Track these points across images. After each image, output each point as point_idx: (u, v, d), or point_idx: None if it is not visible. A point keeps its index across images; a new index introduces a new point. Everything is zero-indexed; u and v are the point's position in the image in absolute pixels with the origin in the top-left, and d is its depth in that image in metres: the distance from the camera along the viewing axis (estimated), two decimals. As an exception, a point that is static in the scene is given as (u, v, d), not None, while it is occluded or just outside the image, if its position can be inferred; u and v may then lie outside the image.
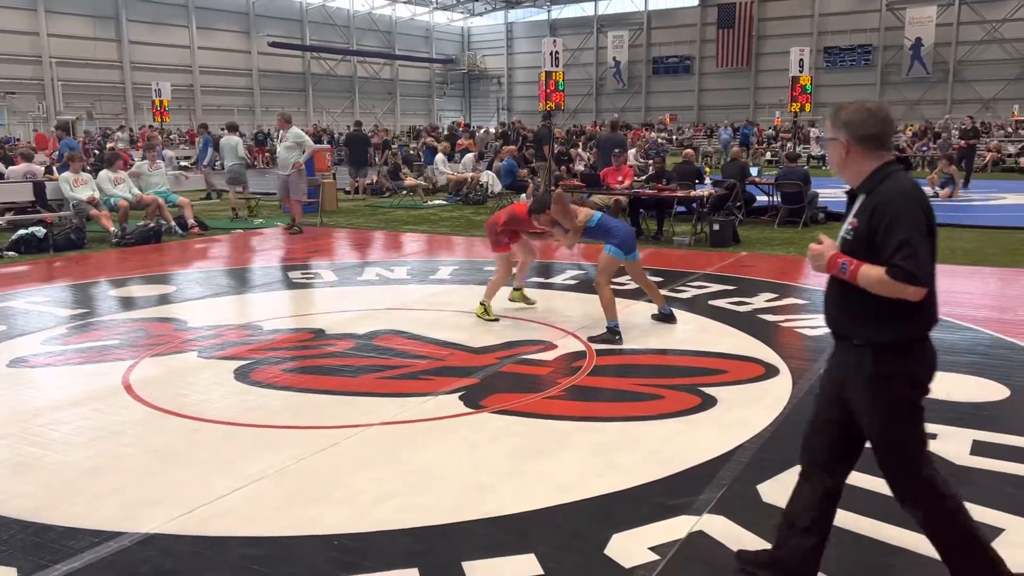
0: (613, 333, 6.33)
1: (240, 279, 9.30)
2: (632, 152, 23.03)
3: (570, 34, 59.13)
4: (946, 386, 5.18)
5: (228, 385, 5.38)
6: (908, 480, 2.84)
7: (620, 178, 12.21)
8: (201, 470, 4.07)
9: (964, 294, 7.88)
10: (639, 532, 3.44)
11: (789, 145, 18.66)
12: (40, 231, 10.70)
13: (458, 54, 63.51)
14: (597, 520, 3.55)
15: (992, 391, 5.12)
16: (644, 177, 12.45)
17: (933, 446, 4.23)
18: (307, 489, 3.86)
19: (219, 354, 6.08)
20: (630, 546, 3.32)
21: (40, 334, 6.69)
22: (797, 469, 3.98)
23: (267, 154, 29.03)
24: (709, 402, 5.02)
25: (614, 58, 56.79)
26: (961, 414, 4.72)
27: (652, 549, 3.31)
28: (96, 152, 18.38)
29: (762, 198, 13.84)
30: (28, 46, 40.24)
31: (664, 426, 4.66)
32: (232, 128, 15.84)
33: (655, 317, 6.95)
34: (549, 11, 59.61)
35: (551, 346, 6.25)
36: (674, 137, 39.09)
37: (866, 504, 3.61)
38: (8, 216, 12.19)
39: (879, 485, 3.78)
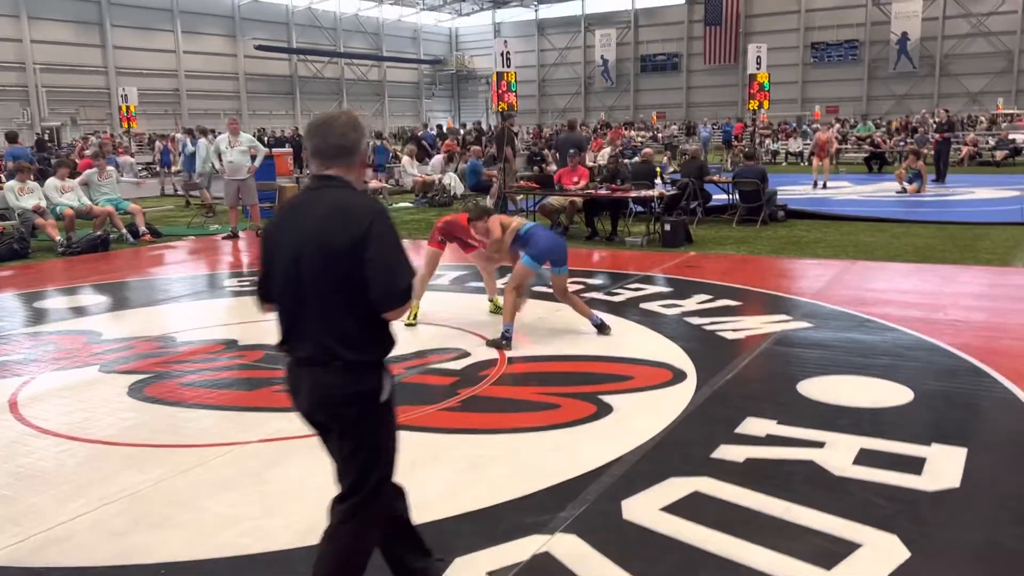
0: (504, 338, 6.24)
1: (175, 288, 9.15)
2: (607, 151, 22.92)
3: (558, 33, 59.06)
4: (848, 391, 5.09)
5: (117, 401, 5.25)
6: None
7: (575, 179, 12.07)
8: (54, 493, 3.93)
9: (897, 293, 7.75)
10: (482, 555, 3.31)
11: (763, 141, 18.48)
12: (-17, 242, 10.59)
13: (446, 54, 63.33)
14: (444, 541, 3.40)
15: (896, 395, 4.98)
16: (599, 178, 12.31)
17: (819, 455, 4.15)
18: (155, 513, 3.72)
19: (121, 368, 5.95)
20: (467, 571, 3.20)
21: (-55, 349, 6.56)
22: (668, 481, 3.92)
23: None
24: (604, 411, 4.89)
25: (602, 56, 56.60)
26: (856, 420, 4.59)
27: (489, 574, 3.18)
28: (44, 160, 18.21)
29: (721, 196, 13.70)
30: (12, 52, 40.02)
31: (550, 437, 4.52)
32: (204, 132, 15.79)
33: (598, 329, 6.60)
34: (536, 10, 59.42)
35: (464, 354, 6.12)
36: (659, 135, 38.93)
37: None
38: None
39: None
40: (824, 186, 17.58)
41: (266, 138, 32.27)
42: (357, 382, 2.56)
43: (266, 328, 7.16)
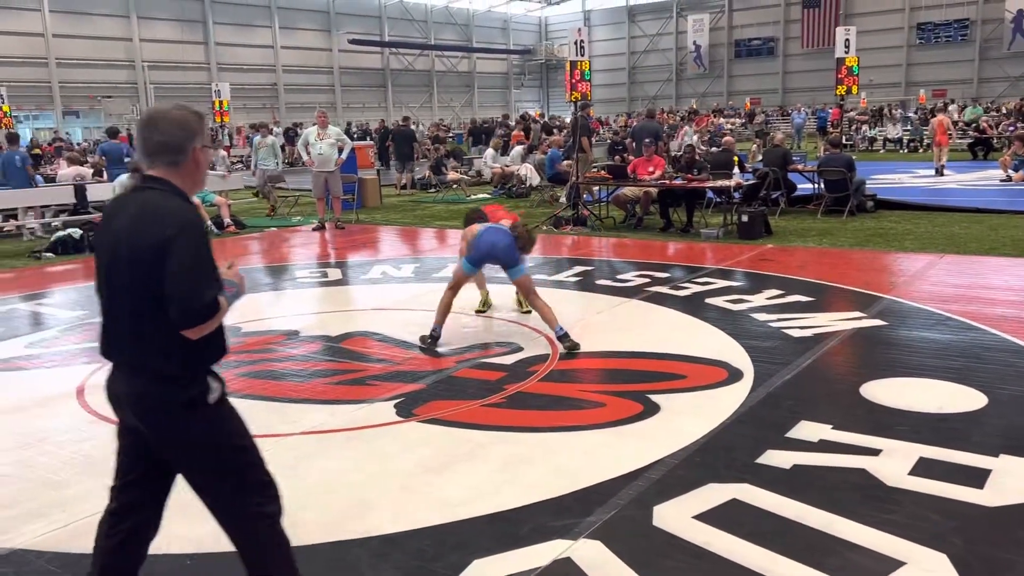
0: (431, 336, 6.16)
1: (252, 278, 9.38)
2: (695, 139, 22.43)
3: (649, 19, 58.15)
4: (915, 394, 4.79)
5: (176, 390, 5.39)
6: None
7: (651, 168, 11.82)
8: (102, 481, 4.02)
9: (986, 289, 7.26)
10: (501, 559, 3.24)
11: (834, 132, 17.71)
12: (77, 232, 11.12)
13: (535, 44, 63.20)
14: (465, 543, 3.36)
15: (967, 400, 4.65)
16: (675, 167, 12.01)
17: (873, 463, 3.90)
18: (191, 504, 3.74)
19: (185, 357, 6.11)
20: (484, 574, 3.13)
21: (29, 337, 6.91)
22: (707, 487, 3.76)
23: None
24: (651, 410, 4.74)
25: (694, 42, 55.44)
26: (919, 427, 4.31)
27: (504, 578, 3.11)
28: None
29: (807, 186, 13.16)
30: (123, 51, 42.07)
31: (590, 437, 4.41)
32: (257, 129, 16.04)
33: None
34: (627, -3, 58.68)
35: (517, 348, 6.05)
36: (752, 122, 37.83)
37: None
38: (64, 217, 12.79)
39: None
40: (940, 172, 17.18)
41: (354, 131, 32.99)
42: (177, 392, 2.42)
43: (329, 319, 7.31)
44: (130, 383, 2.45)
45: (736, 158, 12.33)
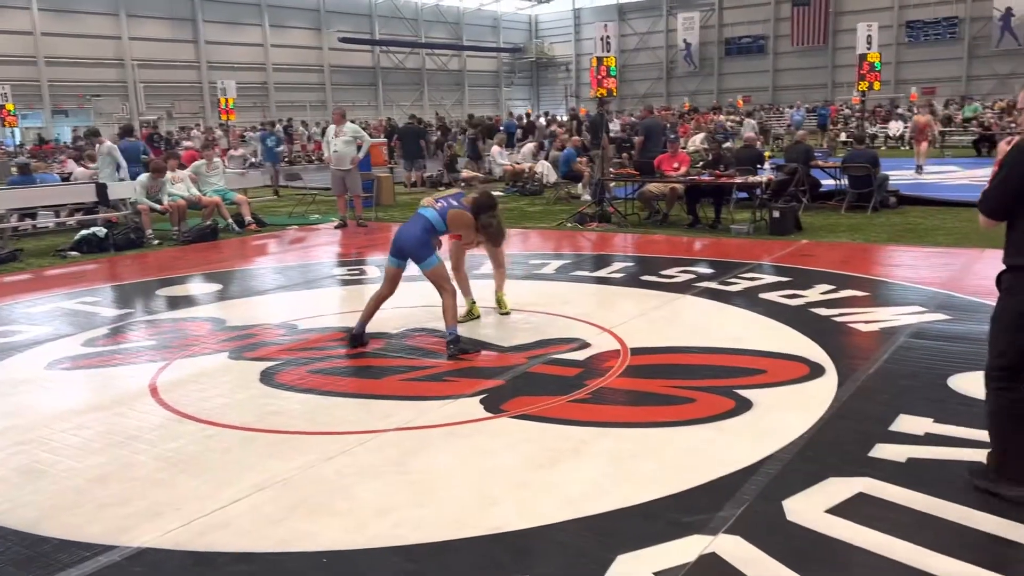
0: (453, 339, 5.90)
1: (285, 276, 9.32)
2: (699, 137, 22.48)
3: (639, 18, 58.23)
4: None
5: (252, 388, 5.33)
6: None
7: (676, 164, 11.82)
8: (207, 479, 3.99)
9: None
10: (646, 553, 3.20)
11: (863, 124, 17.79)
12: (101, 231, 10.98)
13: (526, 42, 63.16)
14: (603, 539, 3.33)
15: (1061, 394, 4.65)
16: (701, 163, 12.02)
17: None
18: (308, 500, 3.74)
19: (249, 355, 6.05)
20: (634, 569, 3.10)
21: (82, 335, 6.79)
22: (828, 481, 3.73)
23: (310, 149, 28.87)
24: (743, 406, 4.72)
25: (685, 40, 55.55)
26: (1022, 420, 4.30)
27: (657, 574, 3.07)
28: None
29: (829, 182, 13.22)
30: (112, 50, 41.62)
31: (690, 433, 4.39)
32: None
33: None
34: (618, -5, 58.72)
35: (584, 344, 6.01)
36: (747, 120, 37.92)
37: (899, 525, 3.28)
38: (78, 216, 12.63)
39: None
40: (919, 169, 17.07)
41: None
42: None
43: (383, 316, 7.22)
44: None
45: (768, 153, 12.36)
